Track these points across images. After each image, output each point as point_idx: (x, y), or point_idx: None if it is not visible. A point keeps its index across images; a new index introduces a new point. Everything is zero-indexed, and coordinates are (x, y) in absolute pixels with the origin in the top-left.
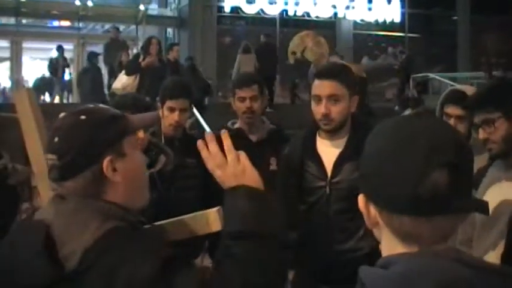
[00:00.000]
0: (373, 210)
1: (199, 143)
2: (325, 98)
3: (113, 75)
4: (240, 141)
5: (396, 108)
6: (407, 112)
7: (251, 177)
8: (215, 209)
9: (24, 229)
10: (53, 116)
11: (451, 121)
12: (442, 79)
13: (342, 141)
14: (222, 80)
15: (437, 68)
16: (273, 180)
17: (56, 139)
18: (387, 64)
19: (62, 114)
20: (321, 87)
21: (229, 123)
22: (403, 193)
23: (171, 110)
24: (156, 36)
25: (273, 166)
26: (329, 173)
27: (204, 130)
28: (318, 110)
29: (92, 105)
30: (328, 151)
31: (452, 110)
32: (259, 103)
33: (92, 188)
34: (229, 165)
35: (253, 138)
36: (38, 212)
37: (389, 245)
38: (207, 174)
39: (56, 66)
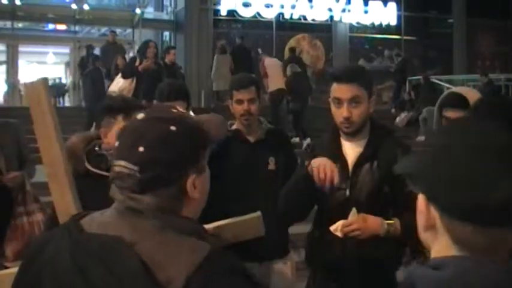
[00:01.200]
0: (433, 212)
1: None
2: (346, 101)
3: (109, 79)
4: (237, 142)
5: (393, 110)
6: (404, 115)
7: None
8: (257, 214)
9: (107, 246)
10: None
11: None
12: (438, 81)
13: (362, 143)
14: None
15: (433, 71)
16: (271, 180)
17: (142, 149)
18: (383, 67)
19: (141, 116)
20: (342, 90)
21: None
22: (471, 201)
23: None
24: (153, 39)
25: (271, 166)
26: (350, 174)
27: None
28: (340, 113)
29: (176, 112)
30: (350, 153)
31: (451, 113)
32: (256, 105)
33: (170, 205)
34: None
35: (251, 139)
36: (101, 225)
37: (443, 249)
38: None
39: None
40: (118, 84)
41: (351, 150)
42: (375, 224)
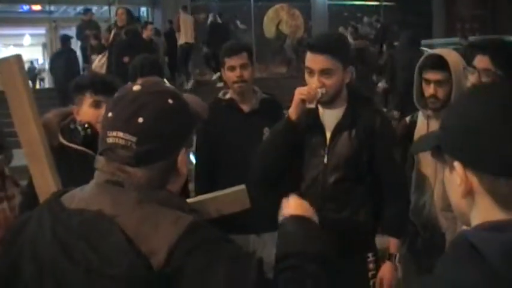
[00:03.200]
0: (471, 177)
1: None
2: (317, 72)
3: (86, 58)
4: (232, 111)
5: (374, 77)
6: (383, 81)
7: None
8: (241, 187)
9: (88, 222)
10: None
11: (431, 86)
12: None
13: (340, 111)
14: (197, 57)
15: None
16: None
17: (141, 120)
18: (363, 34)
19: (137, 87)
20: (314, 61)
21: (220, 94)
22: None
23: None
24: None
25: (266, 136)
26: (328, 142)
27: None
28: (312, 82)
29: (171, 87)
30: (328, 120)
31: (431, 75)
32: (249, 71)
33: (160, 179)
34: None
35: (246, 108)
36: (81, 201)
37: (484, 212)
38: None
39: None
40: (94, 63)
41: (328, 117)
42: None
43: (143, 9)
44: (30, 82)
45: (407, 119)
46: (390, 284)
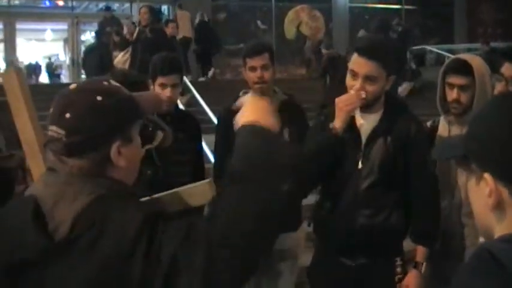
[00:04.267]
0: (502, 189)
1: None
2: (361, 76)
3: (107, 53)
4: None
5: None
6: (405, 85)
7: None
8: (207, 180)
9: (13, 204)
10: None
11: (454, 91)
12: (439, 51)
13: (377, 116)
14: (217, 56)
15: (434, 40)
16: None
17: (68, 115)
18: (392, 42)
19: (73, 86)
20: (360, 64)
21: (240, 94)
22: None
23: (163, 86)
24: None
25: (285, 137)
26: (363, 147)
27: (201, 107)
28: (352, 85)
29: (106, 84)
30: (363, 125)
31: (455, 79)
32: (270, 72)
33: (94, 169)
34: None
35: None
36: (30, 188)
37: None
38: (198, 150)
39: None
40: (117, 58)
41: (365, 121)
42: (418, 282)
43: (164, 7)
44: (47, 77)
45: (429, 123)
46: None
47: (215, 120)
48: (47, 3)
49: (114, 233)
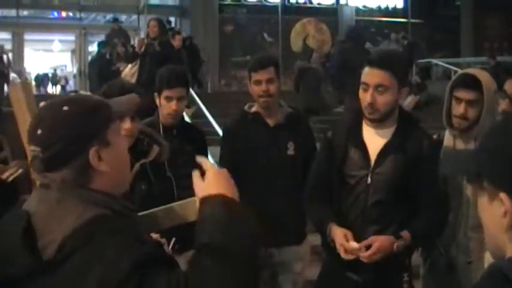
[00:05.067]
0: None
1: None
2: (372, 87)
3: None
4: (257, 125)
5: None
6: (411, 98)
7: (227, 188)
8: (193, 198)
9: (7, 219)
10: None
11: (462, 105)
12: (445, 65)
13: (389, 131)
14: (224, 68)
15: (440, 54)
16: (290, 165)
17: (39, 131)
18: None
19: (42, 104)
20: (371, 75)
21: (246, 107)
22: None
23: (169, 99)
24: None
25: (290, 151)
26: (372, 163)
27: (206, 119)
28: (364, 97)
29: (73, 94)
30: (373, 140)
31: (463, 94)
32: (275, 85)
33: (78, 179)
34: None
35: (271, 122)
36: (25, 203)
37: None
38: None
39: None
40: (125, 71)
41: (375, 137)
42: (386, 247)
43: (172, 18)
44: (52, 88)
45: (434, 137)
46: (377, 250)
47: (220, 132)
48: (55, 14)
49: (103, 272)
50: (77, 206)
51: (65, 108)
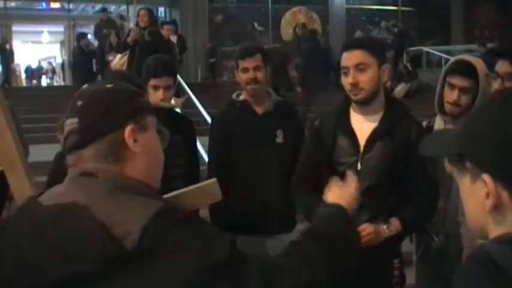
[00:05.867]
0: (501, 191)
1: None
2: (352, 67)
3: (104, 56)
4: (245, 113)
5: (388, 83)
6: (401, 86)
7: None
8: (212, 180)
9: (62, 212)
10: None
11: (455, 92)
12: (436, 52)
13: (377, 117)
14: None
15: (430, 42)
16: (279, 153)
17: (79, 102)
18: (380, 39)
19: (84, 86)
20: (347, 57)
21: (234, 95)
22: None
23: (155, 88)
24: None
25: (279, 139)
26: (361, 149)
27: (197, 109)
28: (346, 81)
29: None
30: (362, 126)
31: (457, 81)
32: (263, 73)
33: (112, 156)
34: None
35: (259, 110)
36: (44, 195)
37: None
38: (194, 151)
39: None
40: (114, 60)
41: (363, 123)
42: (377, 235)
43: (161, 9)
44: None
45: (424, 123)
46: (366, 238)
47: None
48: (44, 5)
49: (197, 259)
50: (134, 197)
51: (108, 85)
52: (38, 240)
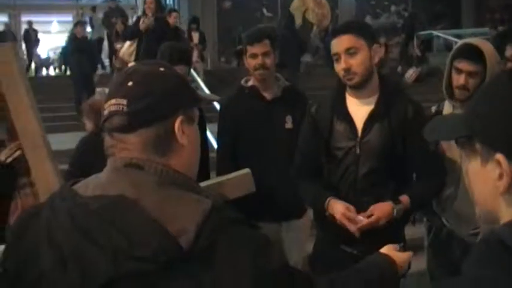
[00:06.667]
0: None
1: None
2: (342, 53)
3: (112, 45)
4: (254, 99)
5: (399, 68)
6: (412, 71)
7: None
8: (246, 171)
9: (110, 205)
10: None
11: (462, 76)
12: (446, 36)
13: (372, 100)
14: (223, 45)
15: (441, 25)
16: (288, 138)
17: (130, 83)
18: (390, 23)
19: (131, 64)
20: (337, 43)
21: (242, 81)
22: None
23: None
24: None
25: (288, 125)
26: (359, 132)
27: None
28: (339, 67)
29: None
30: (358, 110)
31: (464, 65)
32: (271, 58)
33: (160, 146)
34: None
35: (268, 96)
36: (80, 184)
37: None
38: (204, 139)
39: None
40: (122, 49)
41: (359, 107)
42: (387, 213)
43: None
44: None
45: (433, 108)
46: (378, 218)
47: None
48: None
49: (256, 264)
50: (183, 192)
51: (161, 69)
52: (81, 234)
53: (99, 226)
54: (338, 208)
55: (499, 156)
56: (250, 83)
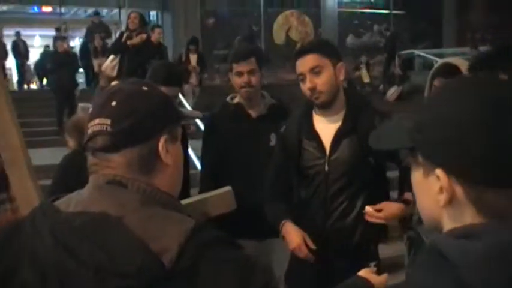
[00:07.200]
0: (455, 185)
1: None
2: (307, 72)
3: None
4: (239, 116)
5: (381, 87)
6: (394, 89)
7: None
8: (227, 188)
9: (92, 222)
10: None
11: None
12: (427, 55)
13: (339, 117)
14: (206, 62)
15: (423, 45)
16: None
17: (114, 103)
18: (373, 42)
19: (114, 83)
20: (302, 63)
21: (228, 98)
22: (508, 164)
23: None
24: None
25: (273, 142)
26: (327, 151)
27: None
28: (305, 86)
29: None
30: (326, 128)
31: (441, 83)
32: (257, 77)
33: (144, 165)
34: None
35: (253, 113)
36: (62, 200)
37: (468, 222)
38: (185, 156)
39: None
40: (105, 63)
41: (326, 125)
42: (397, 212)
43: (153, 13)
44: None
45: None
46: (388, 214)
47: (202, 127)
48: (36, 9)
49: (239, 283)
50: (166, 211)
51: (144, 88)
52: (63, 250)
53: (81, 243)
54: (293, 238)
55: (439, 171)
56: (235, 100)
